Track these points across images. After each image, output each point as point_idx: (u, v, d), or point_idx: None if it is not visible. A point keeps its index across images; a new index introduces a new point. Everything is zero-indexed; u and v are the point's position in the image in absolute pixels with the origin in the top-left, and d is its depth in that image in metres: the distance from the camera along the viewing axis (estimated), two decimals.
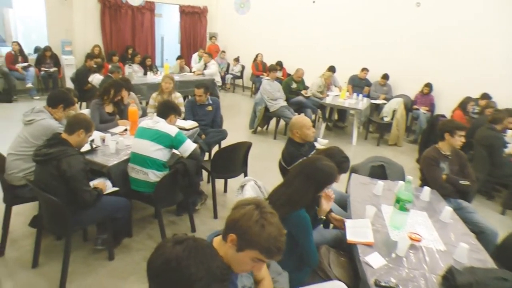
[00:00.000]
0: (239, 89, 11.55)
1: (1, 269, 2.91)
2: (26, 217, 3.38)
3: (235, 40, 11.66)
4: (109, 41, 9.88)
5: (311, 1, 9.65)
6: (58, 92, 3.52)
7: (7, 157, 3.10)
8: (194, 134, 4.23)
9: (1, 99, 7.88)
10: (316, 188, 2.19)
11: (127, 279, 2.89)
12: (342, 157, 2.68)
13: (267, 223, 1.36)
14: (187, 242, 1.16)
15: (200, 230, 3.63)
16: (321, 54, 9.44)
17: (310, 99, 7.34)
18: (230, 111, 8.14)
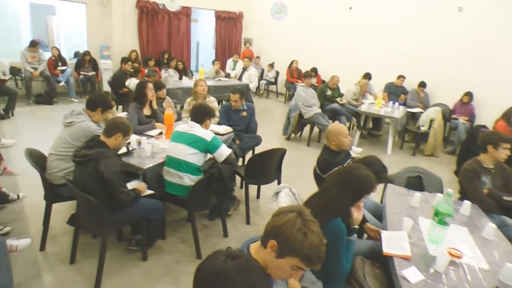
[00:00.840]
0: (272, 95, 11.60)
1: (42, 263, 3.06)
2: (65, 215, 3.56)
3: (270, 46, 11.74)
4: (146, 46, 10.19)
5: (348, 7, 9.58)
6: (97, 96, 3.67)
7: (48, 156, 3.26)
8: (229, 139, 4.28)
9: (43, 101, 8.33)
10: (353, 197, 2.17)
11: (159, 280, 2.95)
12: (380, 166, 2.64)
13: (309, 232, 1.36)
14: (239, 259, 1.16)
15: (232, 235, 3.66)
16: (357, 61, 9.34)
17: (345, 107, 7.28)
18: (263, 117, 8.18)
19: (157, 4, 9.99)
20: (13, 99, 7.10)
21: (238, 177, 4.18)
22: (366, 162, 2.62)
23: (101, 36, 9.53)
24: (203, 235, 3.59)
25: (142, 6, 9.74)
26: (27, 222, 3.61)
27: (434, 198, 3.01)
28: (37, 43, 8.26)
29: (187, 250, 3.36)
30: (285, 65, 10.62)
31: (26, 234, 3.34)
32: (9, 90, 7.14)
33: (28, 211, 3.80)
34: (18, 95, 7.32)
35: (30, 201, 3.92)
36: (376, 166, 2.60)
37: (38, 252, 3.18)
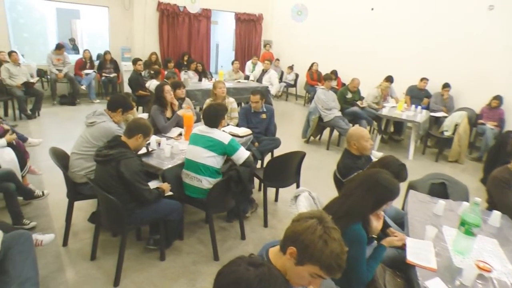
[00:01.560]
0: (292, 98, 11.60)
1: (65, 258, 3.19)
2: (86, 213, 3.69)
3: (290, 48, 11.74)
4: (166, 48, 10.37)
5: (370, 8, 9.47)
6: (118, 97, 3.76)
7: (70, 155, 3.37)
8: (248, 142, 4.31)
9: (66, 102, 8.65)
10: (375, 203, 2.13)
11: (176, 280, 3.01)
12: (398, 165, 2.63)
13: (330, 239, 1.35)
14: (262, 268, 1.15)
15: (249, 237, 3.70)
16: (378, 63, 9.23)
17: (365, 110, 7.22)
18: (282, 119, 8.20)
19: (178, 7, 10.16)
20: (39, 100, 7.43)
21: (256, 179, 4.21)
22: (384, 163, 2.61)
23: (123, 39, 9.79)
24: (221, 236, 3.63)
25: (163, 8, 9.92)
26: (51, 218, 3.76)
27: (459, 207, 2.92)
28: (62, 46, 8.64)
29: (205, 251, 3.41)
30: (305, 67, 10.60)
31: (50, 230, 3.48)
32: (36, 91, 7.46)
33: (52, 207, 3.95)
34: (44, 96, 7.65)
35: (53, 198, 4.09)
36: (394, 166, 2.58)
37: (61, 247, 3.31)
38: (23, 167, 4.02)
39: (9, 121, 6.38)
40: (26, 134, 5.60)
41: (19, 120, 7.15)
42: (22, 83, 7.16)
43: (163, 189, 3.07)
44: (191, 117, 4.09)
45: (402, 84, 8.18)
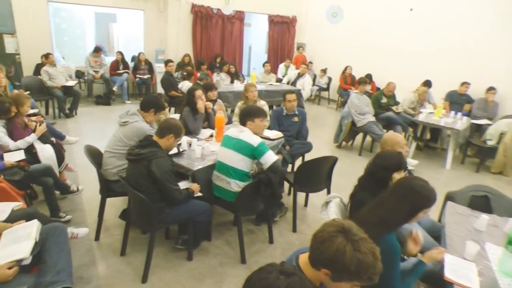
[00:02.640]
0: (324, 102, 11.53)
1: (97, 252, 3.33)
2: (117, 209, 3.83)
3: (323, 51, 11.67)
4: (199, 50, 10.55)
5: (409, 8, 9.21)
6: (151, 98, 3.86)
7: (103, 154, 3.51)
8: (279, 145, 4.32)
9: (101, 102, 9.02)
10: (410, 211, 2.06)
11: (203, 281, 3.06)
12: (397, 154, 2.63)
13: (362, 255, 1.33)
14: (293, 277, 1.14)
15: (277, 242, 3.70)
16: (415, 67, 8.99)
17: (401, 116, 7.06)
18: (314, 123, 8.16)
19: (211, 9, 10.34)
20: (77, 99, 7.85)
21: (286, 183, 4.21)
22: (383, 156, 2.60)
23: (157, 41, 10.05)
24: (249, 239, 3.66)
25: (196, 10, 10.11)
26: (85, 213, 3.93)
27: (506, 223, 2.74)
28: (100, 48, 9.08)
29: (232, 254, 3.45)
30: (338, 71, 10.51)
31: (83, 224, 3.65)
32: (74, 91, 7.87)
33: (85, 203, 4.14)
34: (81, 96, 8.09)
35: (87, 194, 4.28)
36: (394, 157, 2.57)
37: (93, 241, 3.46)
38: (61, 164, 4.25)
39: (49, 119, 6.73)
40: (64, 132, 5.89)
41: (58, 119, 7.53)
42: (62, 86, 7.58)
43: (193, 190, 3.13)
44: (223, 118, 4.13)
45: (441, 89, 7.93)
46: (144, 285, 2.94)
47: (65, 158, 4.45)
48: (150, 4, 9.72)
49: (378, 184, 2.52)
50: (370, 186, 2.55)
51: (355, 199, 2.63)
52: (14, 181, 3.36)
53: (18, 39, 8.26)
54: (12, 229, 2.34)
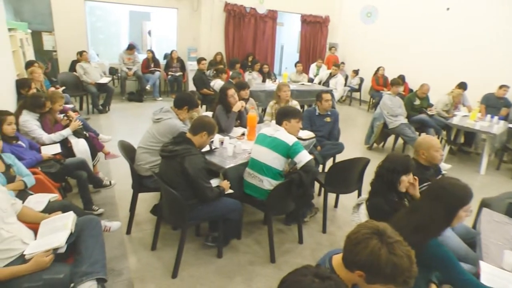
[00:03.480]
0: (355, 103, 11.37)
1: (128, 246, 3.40)
2: (148, 204, 3.88)
3: (356, 52, 11.52)
4: (231, 49, 10.63)
5: (445, 8, 8.94)
6: (184, 95, 3.91)
7: (137, 149, 3.58)
8: (310, 145, 4.29)
9: (134, 99, 9.24)
10: (448, 213, 1.99)
11: (233, 278, 3.07)
12: (404, 156, 2.59)
13: (398, 258, 1.31)
14: (328, 282, 1.11)
15: (307, 242, 3.68)
16: (450, 68, 8.73)
17: (434, 118, 6.87)
18: (345, 124, 8.05)
19: (244, 8, 10.39)
20: (110, 96, 8.06)
21: (317, 184, 4.18)
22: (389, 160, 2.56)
23: (190, 39, 10.20)
24: (278, 239, 3.65)
25: (229, 9, 10.18)
26: (117, 207, 4.03)
27: None
28: (133, 46, 9.28)
29: (261, 253, 3.45)
30: (370, 71, 10.34)
31: (115, 218, 3.74)
32: (108, 88, 8.07)
33: (118, 197, 4.23)
34: (114, 92, 8.29)
35: (120, 188, 4.37)
36: (401, 159, 2.54)
37: (124, 235, 3.54)
38: (94, 158, 4.37)
39: (83, 114, 6.92)
40: (97, 127, 6.02)
41: (91, 114, 7.76)
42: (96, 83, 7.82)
43: (224, 188, 3.14)
44: (255, 117, 4.13)
45: (476, 91, 7.64)
46: (174, 280, 2.98)
47: (99, 153, 4.58)
48: (184, 2, 9.86)
49: (387, 187, 2.52)
50: (381, 190, 2.55)
51: (372, 205, 2.62)
52: (51, 174, 3.48)
53: (55, 36, 8.63)
54: (50, 219, 2.42)
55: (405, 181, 2.51)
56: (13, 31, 5.71)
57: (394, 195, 2.58)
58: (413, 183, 2.61)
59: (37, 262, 2.02)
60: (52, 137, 4.06)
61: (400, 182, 2.50)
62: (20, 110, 4.04)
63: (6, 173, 2.83)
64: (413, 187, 2.63)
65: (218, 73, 7.56)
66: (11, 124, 3.37)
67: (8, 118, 3.36)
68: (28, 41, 7.28)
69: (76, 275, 2.05)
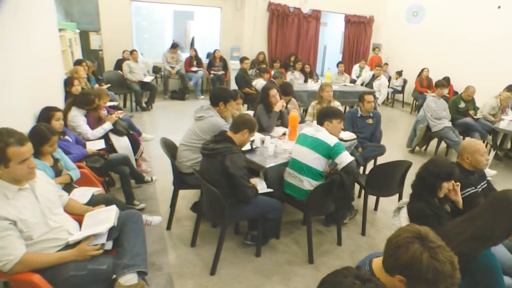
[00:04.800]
0: (398, 105, 11.05)
1: (168, 241, 3.47)
2: (189, 201, 3.94)
3: (399, 53, 11.21)
4: (274, 48, 10.62)
5: (496, 6, 8.45)
6: (215, 91, 3.85)
7: (179, 147, 3.64)
8: (352, 146, 4.22)
9: (176, 97, 9.44)
10: (510, 225, 1.94)
11: (270, 278, 3.06)
12: (450, 164, 2.51)
13: (440, 264, 1.28)
14: (369, 284, 1.10)
15: (346, 244, 3.62)
16: (499, 70, 8.26)
17: (480, 122, 6.55)
18: (387, 126, 7.81)
19: (288, 7, 10.34)
20: (153, 94, 8.29)
21: (357, 186, 4.12)
22: (436, 163, 2.47)
23: (233, 38, 10.29)
24: (317, 240, 3.61)
25: (273, 9, 10.17)
26: (157, 203, 4.12)
27: None
28: (177, 45, 9.41)
29: (300, 253, 3.42)
30: (414, 73, 9.99)
31: (156, 213, 3.82)
32: (151, 86, 8.30)
33: (159, 193, 4.33)
34: (157, 90, 8.49)
35: (161, 184, 4.47)
36: (444, 165, 2.44)
37: (165, 230, 3.61)
38: (136, 153, 4.49)
39: (127, 112, 7.12)
40: (140, 125, 6.22)
41: (135, 112, 7.97)
42: (139, 81, 8.05)
43: (255, 186, 3.11)
44: (297, 117, 4.11)
45: None
46: (212, 277, 3.01)
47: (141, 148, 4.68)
48: (228, 1, 9.96)
49: (428, 191, 2.47)
50: (422, 193, 2.49)
51: (413, 209, 2.55)
52: (95, 168, 3.61)
53: (102, 36, 8.94)
54: (94, 212, 2.50)
55: (445, 187, 2.46)
56: (63, 31, 5.97)
57: (435, 199, 2.51)
58: (455, 189, 2.57)
59: (80, 250, 2.10)
60: (95, 133, 4.20)
61: (440, 188, 2.45)
62: (69, 106, 4.21)
63: (54, 166, 2.95)
64: (455, 193, 2.59)
65: (260, 73, 7.58)
66: (59, 120, 3.47)
67: (57, 114, 3.46)
68: (76, 41, 7.60)
69: (118, 267, 2.11)
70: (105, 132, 4.28)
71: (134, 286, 2.09)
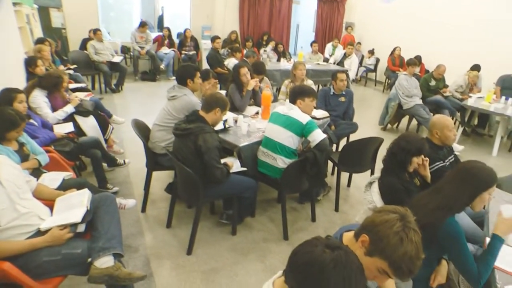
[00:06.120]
0: (371, 83, 11.23)
1: (144, 223, 3.47)
2: (163, 183, 3.96)
3: (372, 32, 11.32)
4: (246, 27, 10.51)
5: None
6: (180, 70, 3.78)
7: (152, 127, 3.60)
8: (324, 124, 4.28)
9: (147, 78, 9.23)
10: (472, 193, 2.03)
11: (246, 255, 3.13)
12: (420, 139, 2.58)
13: (407, 239, 1.30)
14: (338, 252, 1.11)
15: (320, 220, 3.72)
16: (467, 49, 8.53)
17: (449, 99, 6.79)
18: (360, 104, 7.97)
19: None
20: (123, 75, 8.06)
21: (330, 163, 4.18)
22: (407, 138, 2.55)
23: (204, 17, 10.11)
24: (292, 217, 3.70)
25: None
26: (131, 185, 4.09)
27: None
28: (145, 23, 9.07)
29: (275, 230, 3.49)
30: (386, 52, 10.17)
31: (130, 196, 3.80)
32: (120, 67, 8.06)
33: (132, 175, 4.30)
34: (127, 72, 8.26)
35: (134, 167, 4.43)
36: (416, 140, 2.53)
37: (140, 213, 3.61)
38: (105, 133, 4.41)
39: (96, 94, 6.91)
40: (111, 107, 6.09)
41: (104, 94, 7.77)
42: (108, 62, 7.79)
43: (229, 166, 3.15)
44: (270, 96, 4.13)
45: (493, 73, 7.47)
46: (189, 257, 3.04)
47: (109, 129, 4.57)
48: None
49: (399, 166, 2.55)
50: (393, 169, 2.57)
51: (384, 183, 2.63)
52: (65, 152, 3.49)
53: (64, 13, 8.46)
54: (66, 196, 2.46)
55: (415, 162, 2.55)
56: (18, 6, 5.46)
57: (406, 174, 2.60)
58: (424, 164, 2.65)
59: (53, 235, 2.06)
60: (57, 116, 4.03)
61: (411, 163, 2.53)
62: (32, 87, 4.02)
63: (20, 151, 2.83)
64: (424, 167, 2.67)
65: (232, 52, 7.51)
66: (22, 102, 3.31)
67: (19, 96, 3.29)
68: (35, 17, 7.10)
69: (93, 250, 2.09)
70: (66, 115, 4.11)
71: (110, 268, 2.07)
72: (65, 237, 2.09)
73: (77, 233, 2.19)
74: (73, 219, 2.16)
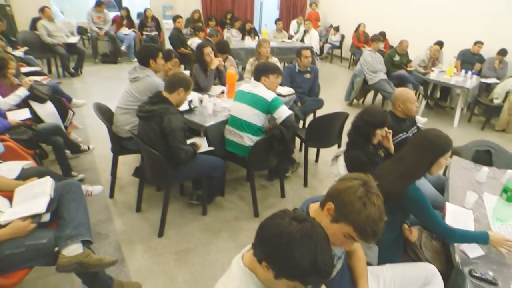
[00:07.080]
0: (336, 60, 11.34)
1: (113, 209, 3.43)
2: (130, 167, 3.89)
3: (336, 8, 11.42)
4: (209, 6, 10.34)
5: None
6: (141, 50, 3.69)
7: (115, 110, 3.51)
8: (290, 101, 4.32)
9: (108, 61, 8.92)
10: (431, 159, 2.12)
11: (218, 234, 3.17)
12: (383, 111, 2.68)
13: (369, 203, 1.35)
14: (305, 223, 1.15)
15: (289, 196, 3.80)
16: (430, 25, 8.80)
17: (413, 74, 7.01)
18: (326, 81, 8.08)
19: None
20: (81, 58, 7.70)
21: (298, 139, 4.26)
22: (367, 113, 2.64)
23: None
24: (261, 194, 3.76)
25: None
26: (98, 172, 4.01)
27: (503, 175, 2.87)
28: (102, 2, 8.56)
29: (245, 208, 3.55)
30: (351, 28, 10.29)
31: (97, 182, 3.73)
32: (78, 49, 7.68)
33: (98, 161, 4.21)
34: (85, 54, 7.89)
35: (99, 152, 4.35)
36: (379, 113, 2.63)
37: (108, 199, 3.56)
38: (65, 119, 4.22)
39: (53, 78, 6.58)
40: (71, 92, 5.87)
41: (62, 78, 7.38)
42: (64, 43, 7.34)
43: (198, 146, 3.13)
44: (234, 75, 4.12)
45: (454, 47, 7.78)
46: (161, 239, 3.06)
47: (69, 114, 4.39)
48: None
49: (363, 139, 2.64)
50: (358, 142, 2.65)
51: (349, 156, 2.71)
52: (22, 141, 3.32)
53: None
54: (26, 186, 2.35)
55: (379, 134, 2.63)
56: None
57: (370, 146, 2.69)
58: (387, 136, 2.74)
59: (14, 227, 1.99)
60: (8, 101, 3.80)
61: (374, 135, 2.61)
62: None
63: None
64: (387, 139, 2.76)
65: (195, 31, 7.38)
66: None
67: None
68: None
69: (60, 239, 2.04)
70: (20, 100, 3.88)
71: (79, 255, 2.03)
72: (29, 228, 2.02)
73: (41, 223, 2.13)
74: (37, 209, 2.09)
